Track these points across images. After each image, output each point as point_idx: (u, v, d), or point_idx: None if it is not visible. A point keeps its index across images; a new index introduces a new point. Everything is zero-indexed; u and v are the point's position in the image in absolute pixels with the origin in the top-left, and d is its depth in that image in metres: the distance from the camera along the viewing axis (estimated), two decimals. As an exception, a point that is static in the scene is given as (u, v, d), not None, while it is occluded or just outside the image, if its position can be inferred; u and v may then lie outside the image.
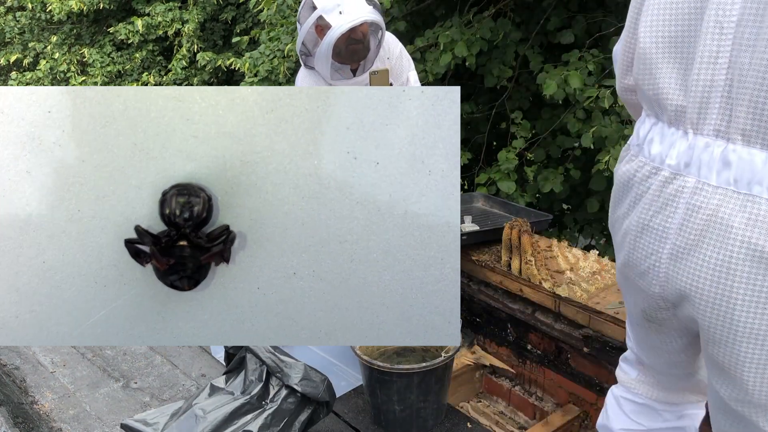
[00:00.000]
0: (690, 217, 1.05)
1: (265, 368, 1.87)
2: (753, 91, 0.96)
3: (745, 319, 1.01)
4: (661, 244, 1.10)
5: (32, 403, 2.21)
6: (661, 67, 1.08)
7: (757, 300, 1.00)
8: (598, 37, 3.56)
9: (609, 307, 2.00)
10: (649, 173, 1.12)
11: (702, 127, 1.04)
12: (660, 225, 1.09)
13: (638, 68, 1.13)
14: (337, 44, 2.47)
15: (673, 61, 1.07)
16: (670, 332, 1.23)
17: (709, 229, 1.03)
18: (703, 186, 1.03)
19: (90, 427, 2.10)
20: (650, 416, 1.43)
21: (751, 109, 0.97)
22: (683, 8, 1.04)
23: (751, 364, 1.04)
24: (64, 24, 7.43)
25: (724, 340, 1.05)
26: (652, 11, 1.09)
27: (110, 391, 2.28)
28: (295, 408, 1.83)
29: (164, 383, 2.33)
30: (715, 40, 1.00)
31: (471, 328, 2.50)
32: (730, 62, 0.98)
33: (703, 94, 1.02)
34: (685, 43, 1.05)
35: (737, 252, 1.00)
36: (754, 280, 0.99)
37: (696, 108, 1.03)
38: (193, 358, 2.47)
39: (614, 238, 1.26)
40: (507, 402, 2.39)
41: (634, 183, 1.15)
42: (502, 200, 2.79)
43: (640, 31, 1.11)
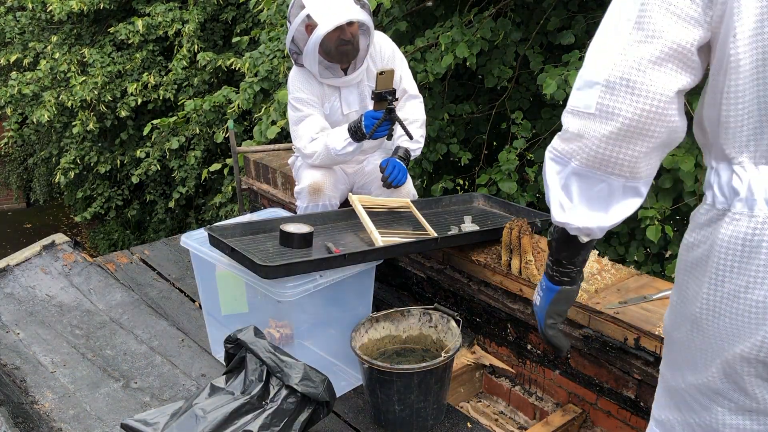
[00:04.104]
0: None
1: (265, 368, 1.87)
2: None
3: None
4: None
5: (32, 403, 2.21)
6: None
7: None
8: (598, 37, 3.56)
9: (609, 307, 2.00)
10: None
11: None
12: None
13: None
14: (326, 43, 2.49)
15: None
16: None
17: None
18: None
19: (90, 427, 2.10)
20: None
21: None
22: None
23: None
24: (65, 24, 7.43)
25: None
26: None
27: (110, 391, 2.28)
28: (295, 408, 1.83)
29: (164, 383, 2.33)
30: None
31: (471, 328, 2.50)
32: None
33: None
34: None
35: None
36: None
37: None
38: (193, 358, 2.47)
39: (729, 319, 1.05)
40: (507, 402, 2.39)
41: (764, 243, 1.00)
42: (502, 200, 2.79)
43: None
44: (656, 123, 1.04)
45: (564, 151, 1.13)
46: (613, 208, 1.14)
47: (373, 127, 2.46)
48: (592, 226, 1.16)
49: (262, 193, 3.52)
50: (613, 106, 1.05)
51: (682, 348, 1.15)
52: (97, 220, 9.52)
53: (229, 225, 2.33)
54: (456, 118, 4.15)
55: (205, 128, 5.84)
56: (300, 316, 2.13)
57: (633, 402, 2.01)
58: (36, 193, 10.32)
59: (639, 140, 1.05)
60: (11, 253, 3.19)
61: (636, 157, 1.07)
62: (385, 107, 2.45)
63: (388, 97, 2.43)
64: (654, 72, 1.02)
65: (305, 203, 2.68)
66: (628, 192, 1.12)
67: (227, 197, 5.82)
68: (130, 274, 3.10)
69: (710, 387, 1.10)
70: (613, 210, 1.14)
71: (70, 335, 2.62)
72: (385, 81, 2.41)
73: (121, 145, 7.57)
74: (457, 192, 4.08)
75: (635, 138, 1.05)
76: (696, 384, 1.13)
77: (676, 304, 1.16)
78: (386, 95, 2.43)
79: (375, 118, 2.46)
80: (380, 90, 2.41)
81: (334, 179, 2.70)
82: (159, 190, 7.95)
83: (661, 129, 1.05)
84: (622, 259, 3.66)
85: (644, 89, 1.03)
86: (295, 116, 2.67)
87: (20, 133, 7.99)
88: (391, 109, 2.45)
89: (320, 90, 2.67)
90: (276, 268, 1.98)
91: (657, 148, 1.08)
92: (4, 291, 2.91)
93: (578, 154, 1.10)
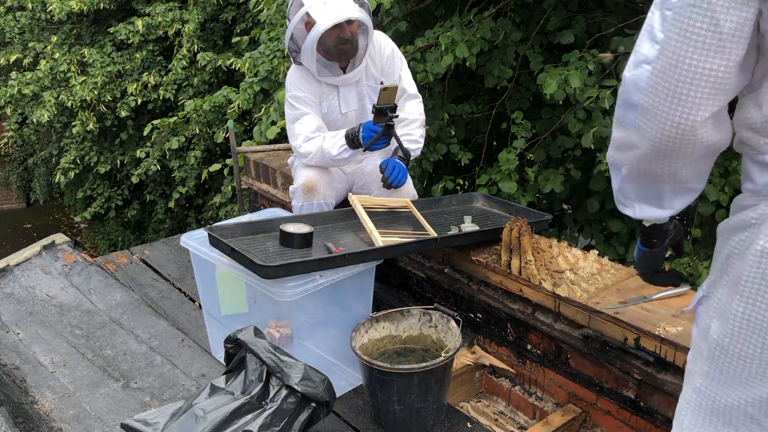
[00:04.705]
0: None
1: (265, 368, 1.87)
2: None
3: None
4: None
5: (32, 403, 2.21)
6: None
7: None
8: (598, 37, 3.56)
9: (609, 307, 2.00)
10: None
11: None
12: None
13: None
14: (325, 41, 2.50)
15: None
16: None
17: None
18: None
19: (90, 427, 2.10)
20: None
21: None
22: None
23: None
24: (64, 24, 7.43)
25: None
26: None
27: (110, 391, 2.28)
28: (295, 408, 1.83)
29: (164, 383, 2.33)
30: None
31: (471, 328, 2.50)
32: None
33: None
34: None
35: None
36: None
37: None
38: (193, 358, 2.47)
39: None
40: (507, 402, 2.39)
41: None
42: (502, 200, 2.79)
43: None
44: (686, 145, 1.07)
45: (615, 160, 1.20)
46: (667, 203, 1.23)
47: (370, 140, 2.47)
48: (649, 217, 1.27)
49: (262, 193, 3.52)
50: (645, 128, 1.08)
51: (747, 361, 1.09)
52: (97, 220, 9.53)
53: (229, 225, 2.33)
54: (456, 118, 4.15)
55: (205, 128, 5.84)
56: (300, 316, 2.13)
57: (633, 402, 2.01)
58: (36, 193, 10.32)
59: (674, 159, 1.10)
60: (11, 253, 3.19)
61: (675, 170, 1.12)
62: (384, 122, 2.46)
63: (389, 112, 2.44)
64: (679, 99, 1.04)
65: (300, 202, 2.68)
66: (678, 192, 1.20)
67: (227, 197, 5.82)
68: (130, 274, 3.10)
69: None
70: (668, 204, 1.23)
71: (70, 335, 2.62)
72: (388, 96, 2.42)
73: (121, 145, 7.57)
74: (457, 192, 4.08)
75: (669, 157, 1.10)
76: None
77: (741, 315, 1.09)
78: (387, 110, 2.44)
79: (373, 132, 2.47)
80: (381, 105, 2.42)
81: (328, 178, 2.70)
82: (159, 190, 7.95)
83: (693, 148, 1.08)
84: (622, 259, 3.66)
85: (670, 116, 1.05)
86: (292, 115, 2.67)
87: (20, 133, 7.99)
88: (390, 125, 2.47)
89: (318, 88, 2.67)
90: (276, 268, 1.98)
91: (698, 160, 1.10)
92: (4, 291, 2.91)
93: (625, 163, 1.18)
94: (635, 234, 3.65)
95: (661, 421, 1.94)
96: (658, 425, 1.95)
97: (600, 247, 3.82)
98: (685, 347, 1.80)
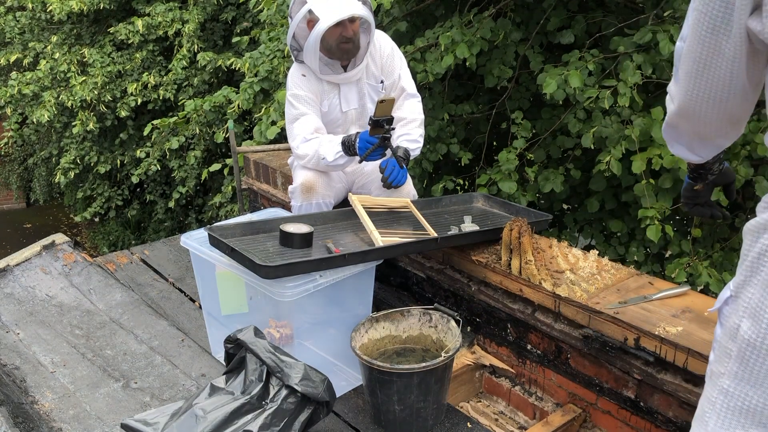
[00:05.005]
0: None
1: (265, 368, 1.87)
2: None
3: None
4: None
5: (32, 403, 2.21)
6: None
7: None
8: (598, 37, 3.56)
9: (609, 307, 2.00)
10: None
11: None
12: None
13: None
14: (327, 40, 2.50)
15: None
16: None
17: None
18: None
19: (90, 427, 2.10)
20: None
21: None
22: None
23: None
24: (64, 24, 7.43)
25: None
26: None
27: (110, 391, 2.28)
28: (295, 408, 1.83)
29: (164, 383, 2.33)
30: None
31: (471, 328, 2.50)
32: None
33: None
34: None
35: None
36: None
37: None
38: (193, 358, 2.47)
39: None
40: (507, 402, 2.39)
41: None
42: (502, 200, 2.79)
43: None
44: (705, 113, 1.22)
45: (668, 103, 1.34)
46: (697, 150, 1.41)
47: (366, 151, 2.48)
48: (684, 157, 1.46)
49: (262, 193, 3.52)
50: (675, 92, 1.27)
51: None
52: (97, 220, 9.52)
53: (229, 225, 2.33)
54: (456, 118, 4.15)
55: (205, 128, 5.84)
56: (300, 316, 2.13)
57: (633, 402, 2.01)
58: (36, 193, 10.31)
59: (694, 121, 1.26)
60: (11, 253, 3.19)
61: (698, 130, 1.29)
62: (381, 133, 2.47)
63: (385, 125, 2.46)
64: (697, 75, 1.18)
65: (299, 202, 2.68)
66: (705, 144, 1.38)
67: (227, 197, 5.83)
68: (130, 274, 3.10)
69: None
70: (697, 152, 1.41)
71: (70, 335, 2.62)
72: (384, 109, 2.43)
73: (121, 145, 7.57)
74: (457, 192, 4.08)
75: (690, 119, 1.27)
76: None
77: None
78: (383, 123, 2.46)
79: (370, 143, 2.48)
80: (378, 117, 2.43)
81: (327, 178, 2.70)
82: (159, 190, 7.95)
83: (712, 116, 1.22)
84: (622, 259, 3.66)
85: (690, 88, 1.21)
86: (291, 114, 2.67)
87: (20, 133, 7.99)
88: (386, 138, 2.48)
89: (319, 87, 2.67)
90: (276, 268, 1.98)
91: (717, 124, 1.24)
92: (4, 291, 2.91)
93: (669, 111, 1.33)
94: (635, 234, 3.65)
95: (660, 421, 1.94)
96: (657, 425, 1.95)
97: (600, 247, 3.82)
98: (685, 347, 1.80)
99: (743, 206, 3.57)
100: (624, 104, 3.12)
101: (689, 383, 1.82)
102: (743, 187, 3.17)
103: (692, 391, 1.80)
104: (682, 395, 1.83)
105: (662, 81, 3.25)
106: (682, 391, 1.83)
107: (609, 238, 3.87)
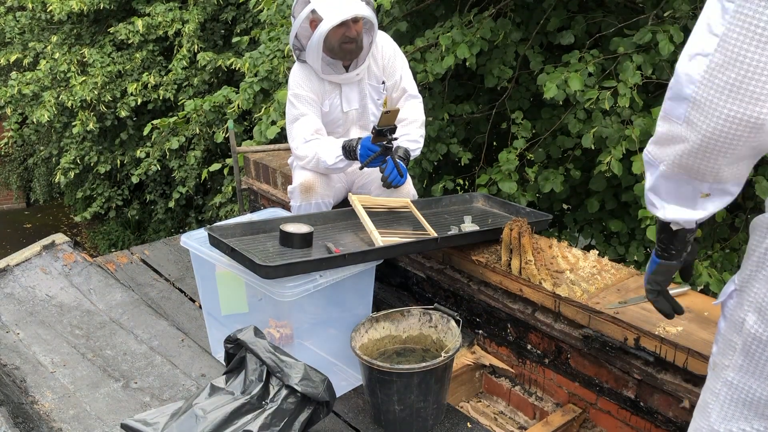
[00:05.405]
0: None
1: (265, 368, 1.87)
2: None
3: None
4: None
5: (32, 403, 2.21)
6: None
7: None
8: (599, 37, 3.56)
9: (609, 307, 2.00)
10: None
11: None
12: None
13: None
14: (331, 40, 2.50)
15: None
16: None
17: None
18: None
19: (90, 427, 2.10)
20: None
21: None
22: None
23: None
24: (65, 24, 7.43)
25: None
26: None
27: (110, 391, 2.28)
28: (295, 408, 1.83)
29: (164, 383, 2.33)
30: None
31: (471, 328, 2.50)
32: None
33: None
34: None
35: None
36: None
37: None
38: (193, 358, 2.47)
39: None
40: (507, 402, 2.39)
41: None
42: (502, 200, 2.79)
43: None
44: (737, 141, 1.05)
45: (654, 156, 1.18)
46: (701, 204, 1.20)
47: (367, 158, 2.49)
48: (679, 218, 1.23)
49: (262, 193, 3.52)
50: (696, 121, 1.06)
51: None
52: (97, 220, 9.53)
53: (229, 225, 2.33)
54: (456, 118, 4.15)
55: (205, 128, 5.84)
56: (300, 316, 2.13)
57: (633, 402, 2.01)
58: (36, 193, 10.32)
59: (721, 155, 1.07)
60: (11, 253, 3.19)
61: (719, 168, 1.10)
62: (382, 142, 2.48)
63: (388, 134, 2.47)
64: (737, 93, 1.02)
65: (298, 202, 2.69)
66: (715, 192, 1.17)
67: (227, 197, 5.82)
68: (130, 274, 3.10)
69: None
70: (701, 207, 1.20)
71: (70, 335, 2.62)
72: (389, 119, 2.45)
73: (121, 145, 7.57)
74: (457, 192, 4.08)
75: (716, 153, 1.07)
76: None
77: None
78: (386, 132, 2.47)
79: (371, 151, 2.49)
80: (382, 126, 2.44)
81: (327, 178, 2.71)
82: (159, 190, 7.95)
83: (740, 146, 1.06)
84: (622, 259, 3.66)
85: (726, 110, 1.03)
86: (291, 114, 2.68)
87: (20, 133, 7.99)
88: (388, 147, 2.49)
89: (321, 87, 2.67)
90: (276, 268, 1.98)
91: (741, 159, 1.09)
92: (4, 291, 2.91)
93: (665, 159, 1.15)
94: (635, 234, 3.64)
95: (660, 420, 1.94)
96: (657, 425, 1.95)
97: (600, 247, 3.82)
98: (685, 347, 1.80)
99: (743, 206, 3.57)
100: (624, 104, 3.12)
101: (689, 383, 1.82)
102: (743, 187, 3.16)
103: (692, 391, 1.80)
104: (682, 395, 1.83)
105: (662, 81, 3.25)
106: (682, 391, 1.83)
107: (609, 238, 3.87)
